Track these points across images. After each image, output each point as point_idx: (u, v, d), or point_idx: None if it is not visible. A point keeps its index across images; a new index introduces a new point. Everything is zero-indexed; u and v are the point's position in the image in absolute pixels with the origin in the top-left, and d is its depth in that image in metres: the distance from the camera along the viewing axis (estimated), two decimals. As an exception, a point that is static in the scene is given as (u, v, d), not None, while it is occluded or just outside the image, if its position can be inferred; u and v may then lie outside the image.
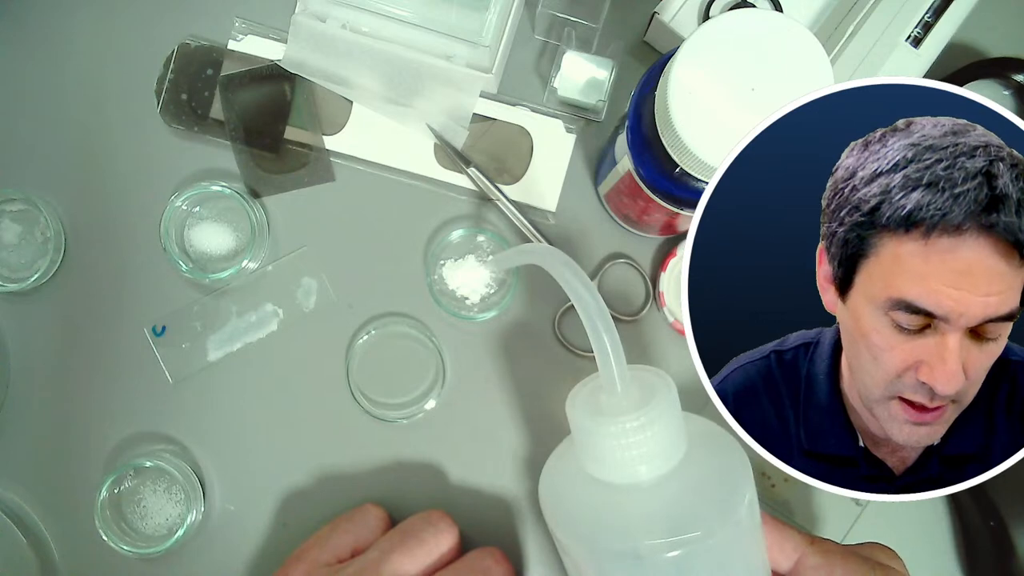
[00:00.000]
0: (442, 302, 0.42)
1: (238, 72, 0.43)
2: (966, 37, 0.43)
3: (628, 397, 0.28)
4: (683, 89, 0.28)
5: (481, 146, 0.43)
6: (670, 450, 0.28)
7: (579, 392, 0.31)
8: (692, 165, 0.29)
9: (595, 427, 0.28)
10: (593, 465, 0.29)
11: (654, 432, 0.27)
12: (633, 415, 0.27)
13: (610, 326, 0.28)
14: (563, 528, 0.30)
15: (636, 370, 0.30)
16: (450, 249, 0.42)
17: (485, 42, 0.41)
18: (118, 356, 0.42)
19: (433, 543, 0.35)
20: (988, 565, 0.41)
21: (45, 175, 0.43)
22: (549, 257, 0.30)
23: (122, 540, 0.40)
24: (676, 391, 0.28)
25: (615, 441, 0.27)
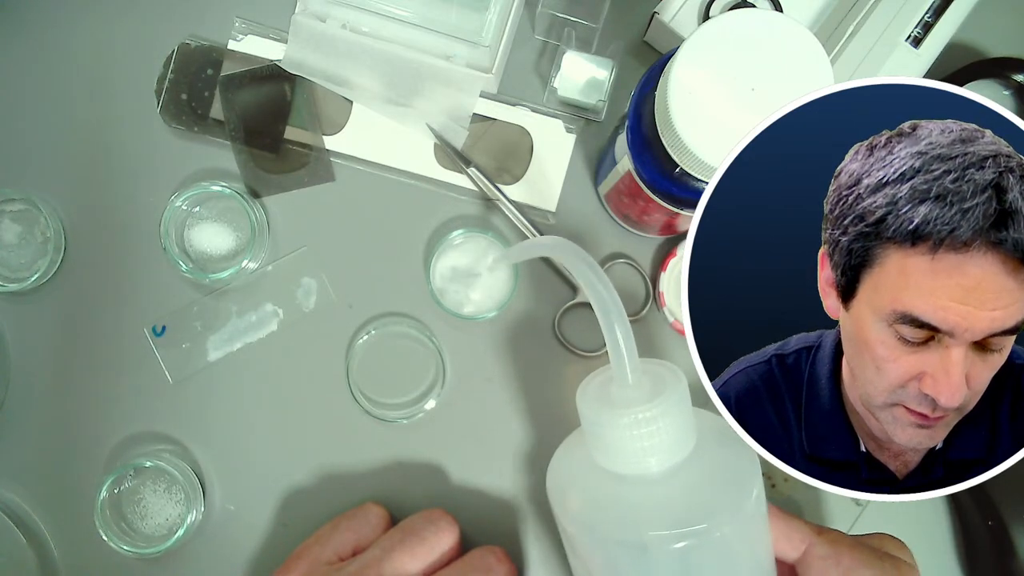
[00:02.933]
0: (442, 302, 0.42)
1: (238, 72, 0.43)
2: (966, 37, 0.43)
3: (639, 388, 0.28)
4: (683, 89, 0.28)
5: (481, 146, 0.43)
6: (680, 443, 0.28)
7: (590, 383, 0.31)
8: (692, 165, 0.29)
9: (606, 418, 0.28)
10: (603, 456, 0.29)
11: (664, 424, 0.27)
12: (644, 406, 0.27)
13: (623, 317, 0.28)
14: (570, 517, 0.30)
15: (647, 363, 0.30)
16: (450, 249, 0.42)
17: (485, 42, 0.41)
18: (118, 356, 0.42)
19: (434, 541, 0.35)
20: (988, 565, 0.41)
21: (45, 175, 0.43)
22: (562, 249, 0.31)
23: (122, 540, 0.40)
24: (687, 384, 0.29)
25: (626, 432, 0.28)
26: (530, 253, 0.37)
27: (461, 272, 0.42)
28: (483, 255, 0.42)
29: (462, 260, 0.42)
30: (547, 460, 0.34)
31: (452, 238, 0.42)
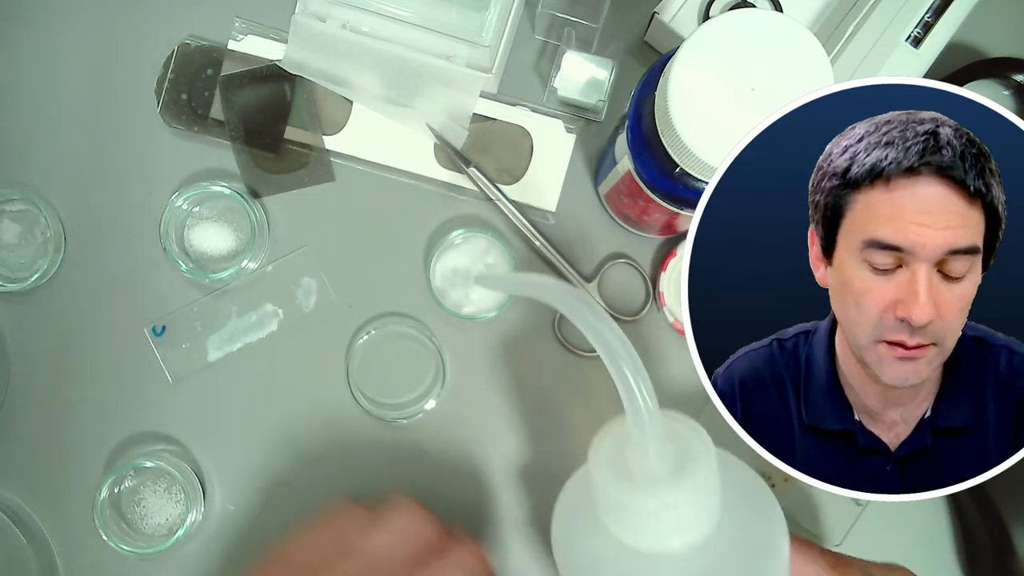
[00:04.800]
0: (442, 302, 0.42)
1: (238, 72, 0.43)
2: (966, 37, 0.43)
3: (662, 460, 0.26)
4: (683, 89, 0.28)
5: (481, 146, 0.43)
6: (706, 518, 0.26)
7: (603, 444, 0.28)
8: (692, 165, 0.29)
9: (628, 499, 0.26)
10: (618, 529, 0.27)
11: (692, 502, 0.26)
12: (670, 487, 0.25)
13: (642, 373, 0.26)
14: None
15: (666, 417, 0.27)
16: (450, 249, 0.42)
17: (485, 42, 0.41)
18: (118, 356, 0.42)
19: (413, 534, 0.34)
20: (988, 565, 0.41)
21: (45, 175, 0.43)
22: (561, 294, 0.28)
23: (122, 540, 0.40)
24: (713, 449, 0.27)
25: (651, 516, 0.25)
26: (517, 289, 0.34)
27: (461, 272, 0.42)
28: (483, 255, 0.42)
29: (462, 260, 0.42)
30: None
31: (452, 238, 0.42)
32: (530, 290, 0.33)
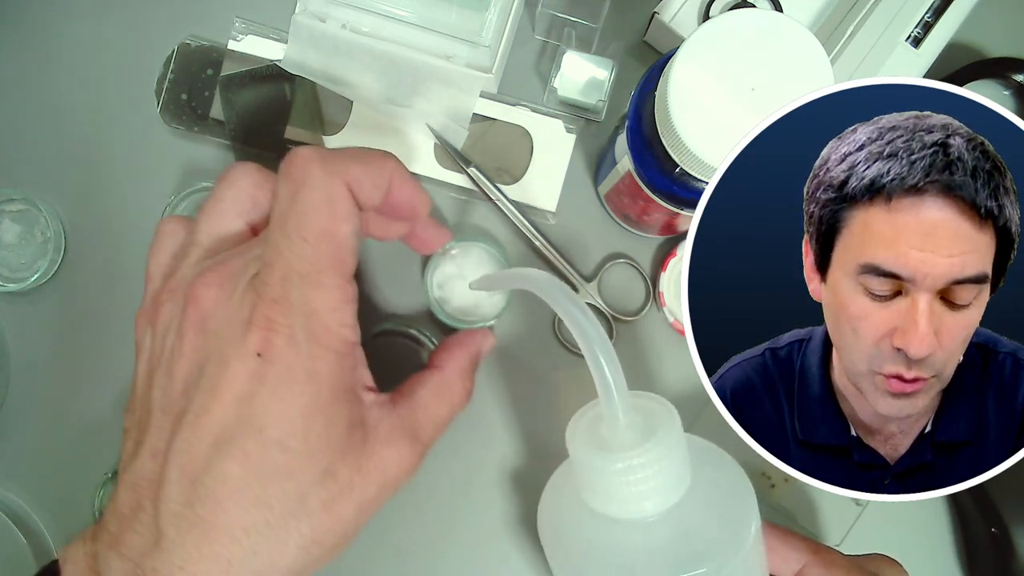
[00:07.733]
0: (441, 310, 0.41)
1: (238, 72, 0.43)
2: (966, 37, 0.43)
3: (632, 429, 0.27)
4: (683, 89, 0.28)
5: (481, 146, 0.43)
6: (675, 484, 0.27)
7: (579, 422, 0.29)
8: (692, 165, 0.29)
9: (599, 463, 0.27)
10: (595, 499, 0.28)
11: (660, 467, 0.26)
12: (639, 450, 0.26)
13: (611, 354, 0.26)
14: (563, 564, 0.29)
15: (637, 396, 0.28)
16: (447, 258, 0.42)
17: (485, 42, 0.41)
18: (118, 356, 0.42)
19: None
20: (988, 565, 0.41)
21: (45, 175, 0.43)
22: (542, 283, 0.28)
23: (122, 540, 0.40)
24: (679, 420, 0.28)
25: (620, 478, 0.26)
26: (507, 284, 0.35)
27: (459, 280, 0.41)
28: (481, 264, 0.42)
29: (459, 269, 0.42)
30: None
31: (448, 248, 0.41)
32: (513, 282, 0.34)
